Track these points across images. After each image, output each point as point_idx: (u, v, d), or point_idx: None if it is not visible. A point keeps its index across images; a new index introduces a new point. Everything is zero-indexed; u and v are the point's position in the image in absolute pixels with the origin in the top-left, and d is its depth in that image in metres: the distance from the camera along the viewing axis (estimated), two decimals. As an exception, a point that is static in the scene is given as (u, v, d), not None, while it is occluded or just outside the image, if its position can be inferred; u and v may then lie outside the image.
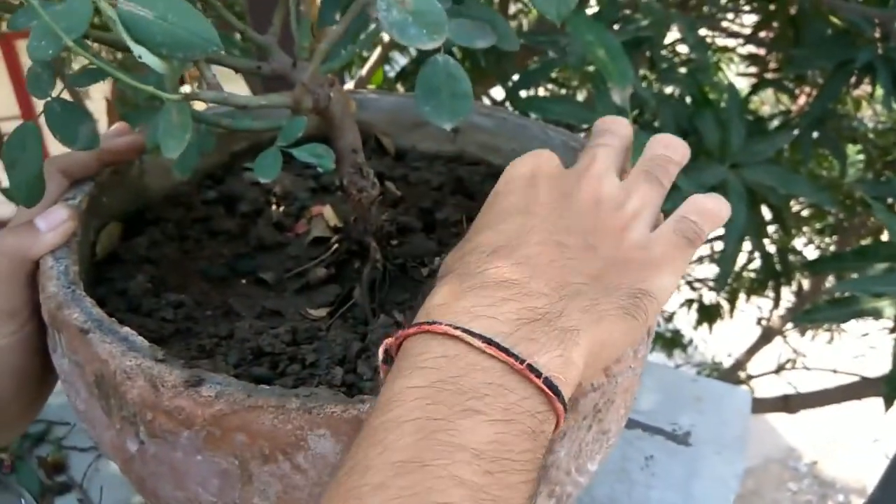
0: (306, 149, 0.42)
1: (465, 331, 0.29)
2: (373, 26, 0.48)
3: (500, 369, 0.29)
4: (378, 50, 1.22)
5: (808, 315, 1.05)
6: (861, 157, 1.65)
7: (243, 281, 0.49)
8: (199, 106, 0.43)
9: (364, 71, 1.23)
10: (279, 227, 0.54)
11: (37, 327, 0.42)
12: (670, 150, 0.38)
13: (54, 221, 0.42)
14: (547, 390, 0.29)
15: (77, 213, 0.43)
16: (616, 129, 0.40)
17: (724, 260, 1.07)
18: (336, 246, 0.50)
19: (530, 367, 0.28)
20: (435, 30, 0.40)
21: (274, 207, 0.56)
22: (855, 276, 1.00)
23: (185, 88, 0.36)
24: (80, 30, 0.36)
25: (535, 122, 0.60)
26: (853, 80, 1.20)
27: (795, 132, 1.20)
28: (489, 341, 0.29)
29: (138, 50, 0.36)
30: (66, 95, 0.42)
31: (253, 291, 0.48)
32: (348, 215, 0.48)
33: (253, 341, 0.43)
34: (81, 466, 0.73)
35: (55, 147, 0.42)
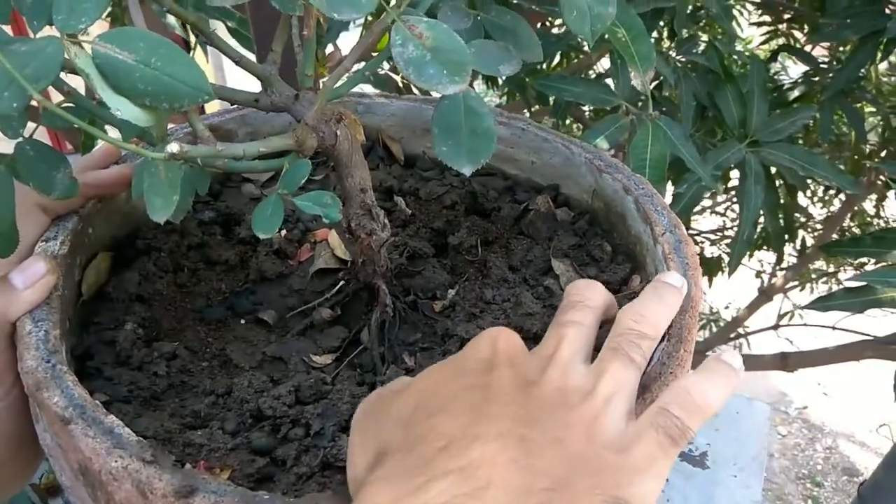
0: (310, 197, 0.38)
1: None
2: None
3: None
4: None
5: (822, 302, 1.02)
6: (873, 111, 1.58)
7: (242, 321, 0.46)
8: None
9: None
10: (280, 254, 0.50)
11: (24, 391, 0.39)
12: (642, 322, 0.34)
13: (32, 277, 0.37)
14: None
15: (57, 264, 0.39)
16: (589, 300, 0.36)
17: (739, 244, 1.03)
18: (342, 283, 0.46)
19: None
20: (457, 70, 0.36)
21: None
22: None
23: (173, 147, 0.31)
24: (50, 76, 0.31)
25: (558, 135, 0.55)
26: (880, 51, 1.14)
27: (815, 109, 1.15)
28: None
29: (116, 103, 0.31)
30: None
31: (253, 335, 0.45)
32: (356, 256, 0.44)
33: (253, 402, 0.40)
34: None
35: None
